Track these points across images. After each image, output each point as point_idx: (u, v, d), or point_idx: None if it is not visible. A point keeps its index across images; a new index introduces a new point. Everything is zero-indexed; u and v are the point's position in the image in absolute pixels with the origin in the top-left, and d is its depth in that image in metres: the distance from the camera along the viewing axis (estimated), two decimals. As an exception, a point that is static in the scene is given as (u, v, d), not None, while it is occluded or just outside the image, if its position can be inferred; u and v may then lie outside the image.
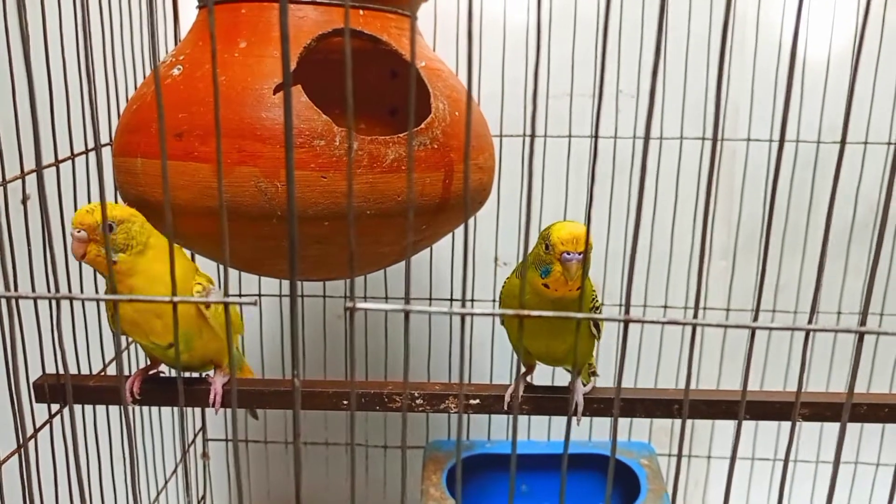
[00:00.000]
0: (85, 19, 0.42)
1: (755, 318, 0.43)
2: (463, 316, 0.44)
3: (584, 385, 0.81)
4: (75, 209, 0.85)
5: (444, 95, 0.81)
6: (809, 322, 0.43)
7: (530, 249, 0.74)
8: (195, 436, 1.28)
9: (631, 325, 1.27)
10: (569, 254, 0.68)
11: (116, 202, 0.86)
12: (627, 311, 0.43)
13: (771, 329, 0.40)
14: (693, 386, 1.26)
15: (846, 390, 0.45)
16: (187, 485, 1.23)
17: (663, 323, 0.40)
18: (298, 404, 0.44)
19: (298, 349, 0.43)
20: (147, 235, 0.72)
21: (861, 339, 0.43)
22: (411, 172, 0.41)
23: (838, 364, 1.24)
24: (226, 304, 0.42)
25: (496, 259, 1.25)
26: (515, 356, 1.06)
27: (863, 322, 0.44)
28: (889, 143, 1.15)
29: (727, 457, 1.28)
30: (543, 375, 1.25)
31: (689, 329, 1.19)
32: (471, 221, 1.19)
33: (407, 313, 0.43)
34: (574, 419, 0.79)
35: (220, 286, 1.12)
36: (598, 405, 0.80)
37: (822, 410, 0.82)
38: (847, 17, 1.14)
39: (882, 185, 1.17)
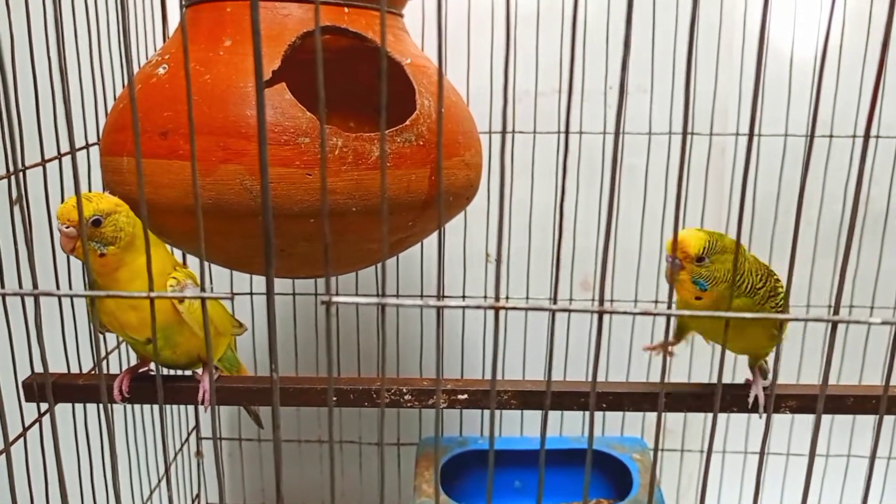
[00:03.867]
0: (58, 17, 0.42)
1: (728, 308, 0.43)
2: (439, 308, 0.44)
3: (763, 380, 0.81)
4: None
5: (430, 92, 0.81)
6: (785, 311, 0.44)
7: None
8: (189, 434, 1.28)
9: (625, 322, 1.27)
10: (669, 257, 0.69)
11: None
12: (601, 303, 0.43)
13: (741, 318, 0.40)
14: (686, 380, 1.26)
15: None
16: (168, 482, 1.23)
17: (636, 314, 0.40)
18: (277, 397, 0.45)
19: (275, 343, 0.44)
20: (133, 226, 0.73)
21: (834, 329, 0.44)
22: (384, 168, 0.41)
23: (837, 357, 1.24)
24: (203, 300, 0.42)
25: (487, 255, 1.25)
26: (496, 354, 1.07)
27: (835, 311, 0.44)
28: (877, 137, 1.16)
29: (720, 451, 1.28)
30: (536, 370, 1.26)
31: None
32: (461, 217, 1.19)
33: (382, 306, 0.44)
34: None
35: (211, 284, 1.13)
36: (583, 399, 0.80)
37: (809, 402, 0.82)
38: (834, 12, 1.14)
39: (871, 179, 1.17)
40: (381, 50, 0.40)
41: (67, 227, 0.69)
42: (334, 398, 0.82)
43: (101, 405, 0.95)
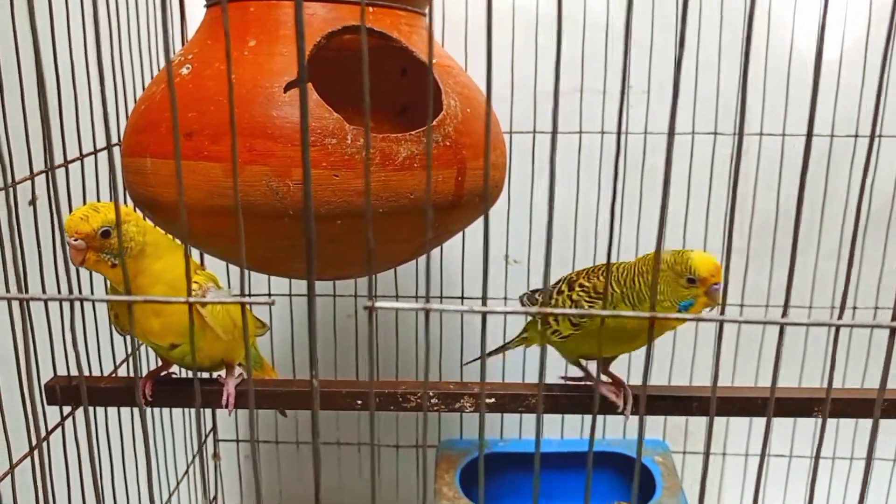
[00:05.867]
0: (96, 19, 0.41)
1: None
2: (484, 314, 0.43)
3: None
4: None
5: (456, 92, 0.80)
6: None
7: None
8: (206, 437, 1.28)
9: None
10: (717, 284, 0.71)
11: (126, 203, 0.86)
12: (653, 309, 0.42)
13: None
14: (708, 383, 1.25)
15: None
16: (205, 485, 1.23)
17: (689, 320, 0.39)
18: (317, 404, 0.44)
19: (316, 349, 0.43)
20: (143, 234, 0.72)
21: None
22: (430, 169, 0.40)
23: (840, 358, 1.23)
24: (242, 305, 0.41)
25: (507, 257, 1.24)
26: (543, 359, 1.06)
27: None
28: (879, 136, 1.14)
29: (742, 454, 1.27)
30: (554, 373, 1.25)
31: (703, 325, 1.19)
32: (481, 219, 1.18)
33: (427, 312, 0.43)
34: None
35: (228, 286, 1.12)
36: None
37: (844, 407, 0.80)
38: (859, 12, 1.13)
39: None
40: (428, 60, 0.39)
41: (76, 240, 0.68)
42: (359, 402, 0.81)
43: (120, 408, 0.94)
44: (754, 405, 0.79)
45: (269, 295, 1.22)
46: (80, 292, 0.88)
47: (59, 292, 0.79)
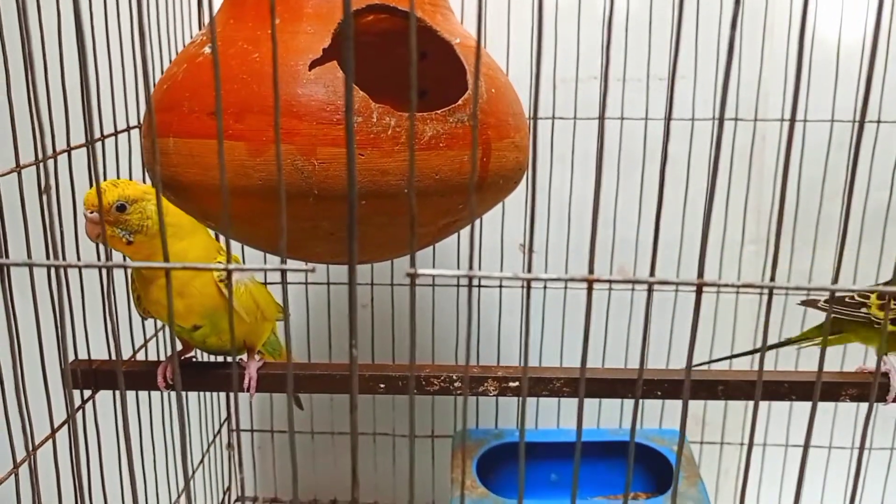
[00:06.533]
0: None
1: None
2: (528, 281, 0.42)
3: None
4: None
5: (480, 73, 0.79)
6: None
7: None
8: (221, 425, 1.27)
9: (665, 307, 1.24)
10: None
11: (144, 181, 0.85)
12: (701, 276, 0.41)
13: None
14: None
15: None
16: (233, 471, 1.22)
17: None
18: (356, 378, 0.43)
19: (356, 319, 0.42)
20: (165, 214, 0.71)
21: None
22: (475, 144, 0.39)
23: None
24: (283, 273, 0.40)
25: (522, 245, 1.23)
26: (587, 337, 1.05)
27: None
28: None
29: (761, 443, 1.26)
30: (572, 356, 1.23)
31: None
32: (499, 206, 1.17)
33: (470, 279, 0.42)
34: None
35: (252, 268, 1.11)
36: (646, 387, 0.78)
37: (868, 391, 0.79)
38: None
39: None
40: (477, 27, 0.38)
41: (92, 213, 0.68)
42: (381, 385, 0.81)
43: (138, 392, 0.93)
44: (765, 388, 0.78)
45: (285, 279, 1.21)
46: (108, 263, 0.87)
47: (109, 260, 0.78)
